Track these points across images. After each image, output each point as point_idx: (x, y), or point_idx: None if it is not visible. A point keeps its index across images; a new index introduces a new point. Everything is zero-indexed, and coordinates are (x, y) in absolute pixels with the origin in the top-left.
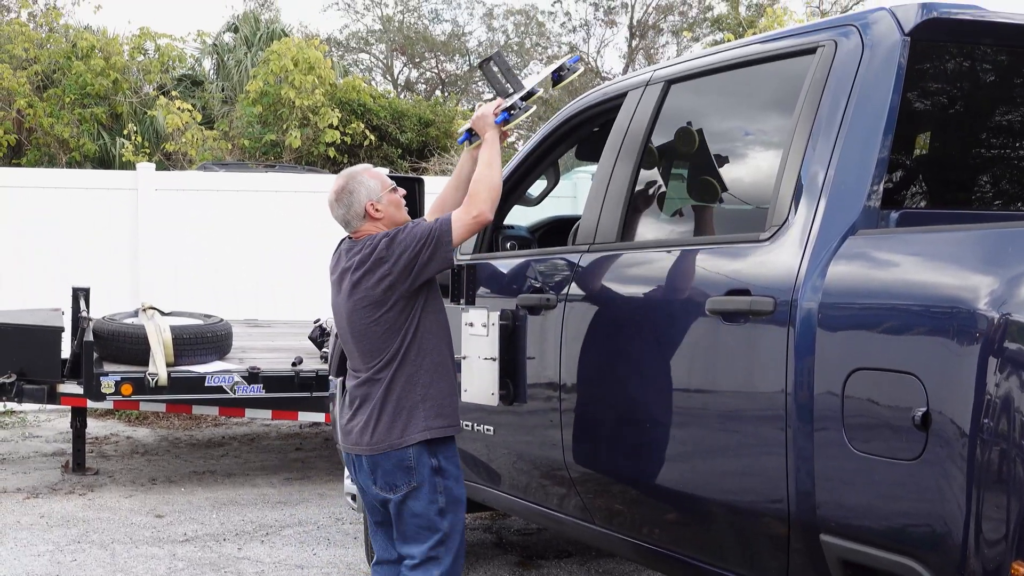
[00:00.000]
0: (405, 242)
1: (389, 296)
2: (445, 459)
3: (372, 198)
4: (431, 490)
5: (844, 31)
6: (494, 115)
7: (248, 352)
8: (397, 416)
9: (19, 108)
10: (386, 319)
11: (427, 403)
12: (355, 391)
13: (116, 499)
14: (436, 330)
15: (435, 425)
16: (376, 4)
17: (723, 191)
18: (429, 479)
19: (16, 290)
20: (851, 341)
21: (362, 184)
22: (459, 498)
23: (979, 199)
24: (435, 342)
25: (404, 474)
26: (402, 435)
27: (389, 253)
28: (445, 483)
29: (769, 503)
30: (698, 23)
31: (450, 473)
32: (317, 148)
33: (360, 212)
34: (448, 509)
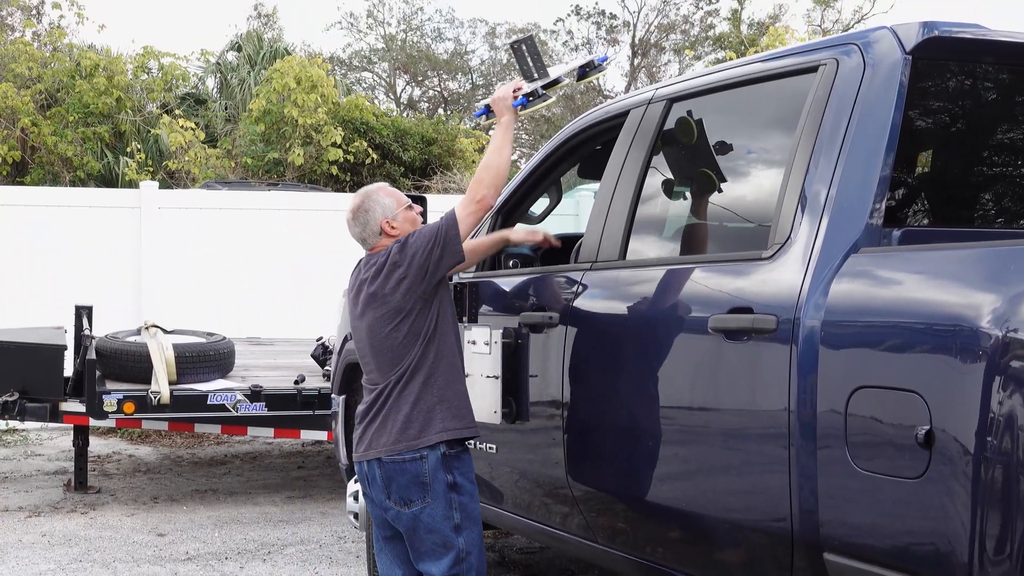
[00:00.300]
0: (416, 244)
1: (408, 300)
2: (460, 475)
3: (387, 216)
4: (446, 506)
5: (846, 50)
6: (513, 97)
7: (250, 370)
8: (414, 418)
9: (23, 127)
10: (405, 325)
11: (443, 404)
12: (373, 402)
13: (118, 517)
14: (451, 333)
15: (452, 427)
16: (379, 23)
17: (725, 209)
18: (444, 495)
19: (19, 308)
20: (854, 359)
21: (377, 203)
22: (475, 515)
23: (981, 217)
24: (450, 345)
25: (419, 489)
26: (419, 436)
27: (402, 257)
28: (460, 499)
29: (772, 521)
30: (700, 41)
31: (465, 489)
32: (320, 166)
33: (376, 230)
34: (464, 526)
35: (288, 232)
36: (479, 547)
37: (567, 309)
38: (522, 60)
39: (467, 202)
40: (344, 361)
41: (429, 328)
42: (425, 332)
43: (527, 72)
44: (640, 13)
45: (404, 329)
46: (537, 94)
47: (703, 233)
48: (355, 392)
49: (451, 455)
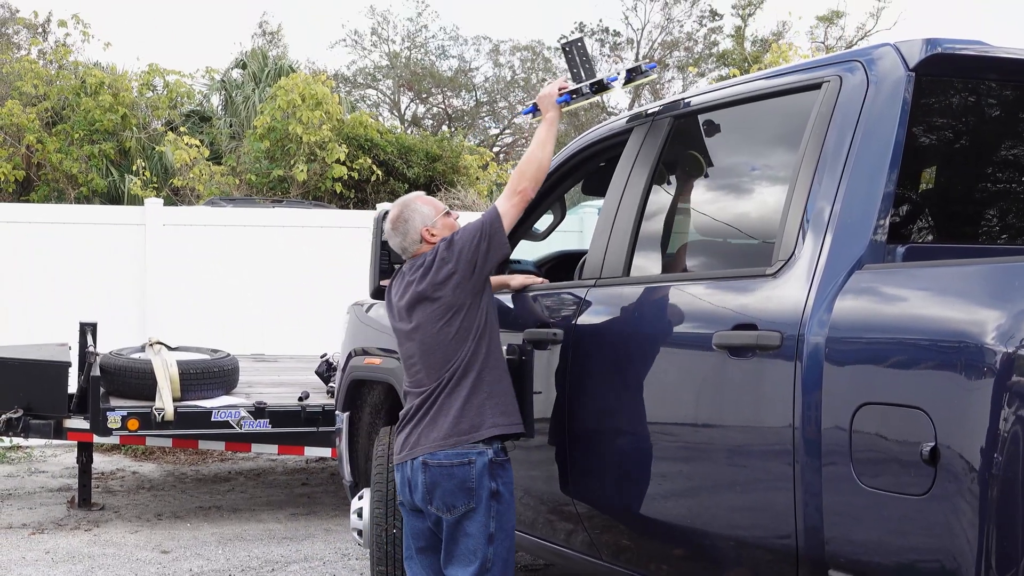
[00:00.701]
0: (463, 240)
1: (458, 296)
2: (503, 484)
3: (427, 224)
4: (485, 514)
5: (849, 67)
6: (558, 95)
7: (255, 387)
8: (465, 414)
9: (28, 144)
10: (456, 321)
11: (492, 400)
12: (421, 403)
13: (122, 535)
14: (498, 331)
15: (502, 423)
16: (383, 40)
17: (729, 226)
18: (486, 502)
19: (24, 324)
20: (858, 375)
21: (416, 211)
22: (509, 527)
23: (985, 233)
24: (497, 343)
25: (464, 495)
26: (470, 431)
27: (450, 254)
28: (499, 508)
29: (777, 538)
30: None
31: (505, 499)
32: (324, 183)
33: (416, 239)
34: (497, 536)
35: (292, 249)
36: (505, 559)
37: (571, 325)
38: (571, 61)
39: (509, 193)
40: (348, 378)
41: (480, 324)
42: (477, 328)
43: (576, 73)
44: (644, 30)
45: (455, 325)
46: (581, 92)
47: (707, 249)
48: (359, 409)
49: (497, 463)
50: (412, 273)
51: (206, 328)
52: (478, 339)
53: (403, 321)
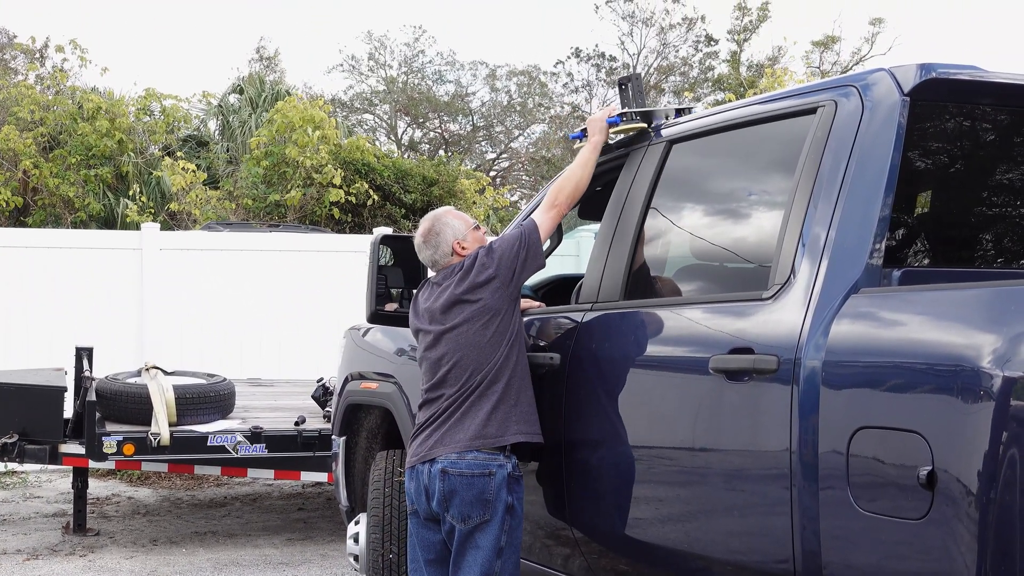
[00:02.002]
0: (502, 248)
1: (497, 300)
2: (518, 500)
3: (458, 237)
4: (499, 527)
5: (844, 91)
6: (608, 115)
7: (251, 411)
8: (493, 418)
9: (25, 169)
10: (493, 324)
11: (518, 408)
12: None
13: (117, 560)
14: (524, 340)
15: (525, 430)
16: (380, 66)
17: (725, 250)
18: (501, 516)
19: (20, 349)
20: (855, 399)
21: (447, 225)
22: (518, 543)
23: (981, 257)
24: (524, 352)
25: (480, 507)
26: (496, 436)
27: (490, 260)
28: (512, 523)
29: (775, 563)
30: (699, 83)
31: (518, 515)
32: (321, 208)
33: (448, 251)
34: (507, 551)
35: (289, 273)
36: (512, 573)
37: (568, 349)
38: (625, 96)
39: (547, 207)
40: (345, 402)
41: (514, 331)
42: (512, 333)
43: (627, 105)
44: (640, 55)
45: (492, 328)
46: (629, 116)
47: (704, 273)
48: (356, 434)
49: (515, 477)
50: (447, 279)
51: (202, 353)
52: (511, 345)
53: (436, 323)
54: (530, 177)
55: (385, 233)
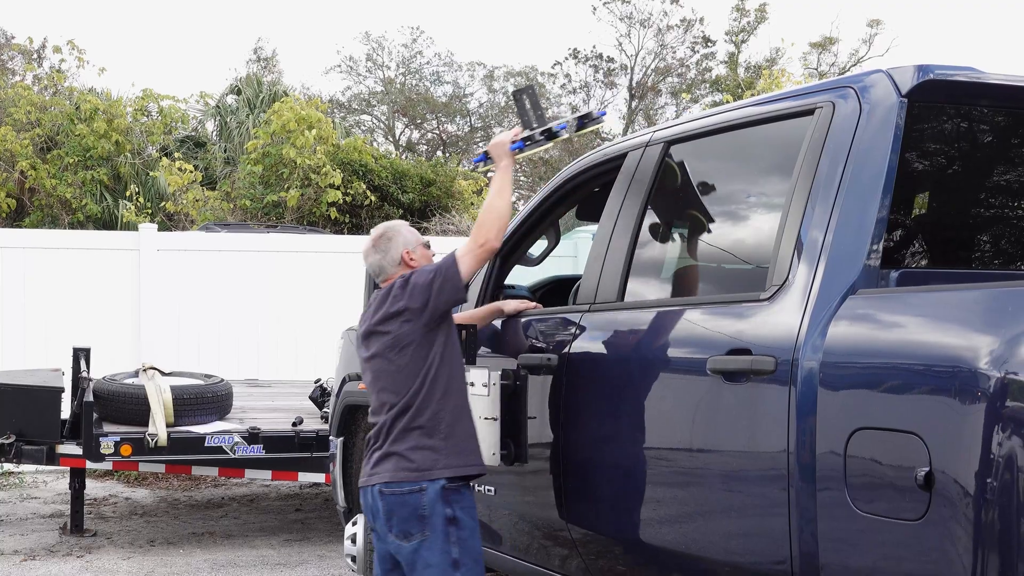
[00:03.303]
0: (417, 278)
1: (407, 331)
2: (461, 509)
3: (408, 247)
4: (444, 540)
5: (842, 93)
6: (511, 142)
7: (248, 412)
8: (417, 450)
9: (22, 170)
10: (406, 355)
11: (449, 442)
12: (379, 431)
13: (114, 561)
14: (459, 372)
15: (454, 463)
16: (378, 66)
17: (723, 251)
18: (442, 528)
19: (17, 350)
20: (853, 401)
21: (400, 234)
22: (475, 552)
23: (979, 258)
24: (458, 384)
25: (418, 522)
26: (420, 469)
27: (403, 291)
28: (459, 534)
29: (773, 564)
30: (697, 84)
31: (465, 524)
32: (319, 208)
33: (396, 258)
34: (463, 562)
35: (286, 274)
36: None
37: (566, 351)
38: (522, 109)
39: (470, 245)
40: (342, 403)
41: (433, 362)
42: (429, 366)
43: (527, 121)
44: (637, 56)
45: (406, 359)
46: (534, 139)
47: (701, 275)
48: (353, 434)
49: (451, 488)
50: (374, 303)
51: (200, 353)
52: (431, 378)
53: (361, 349)
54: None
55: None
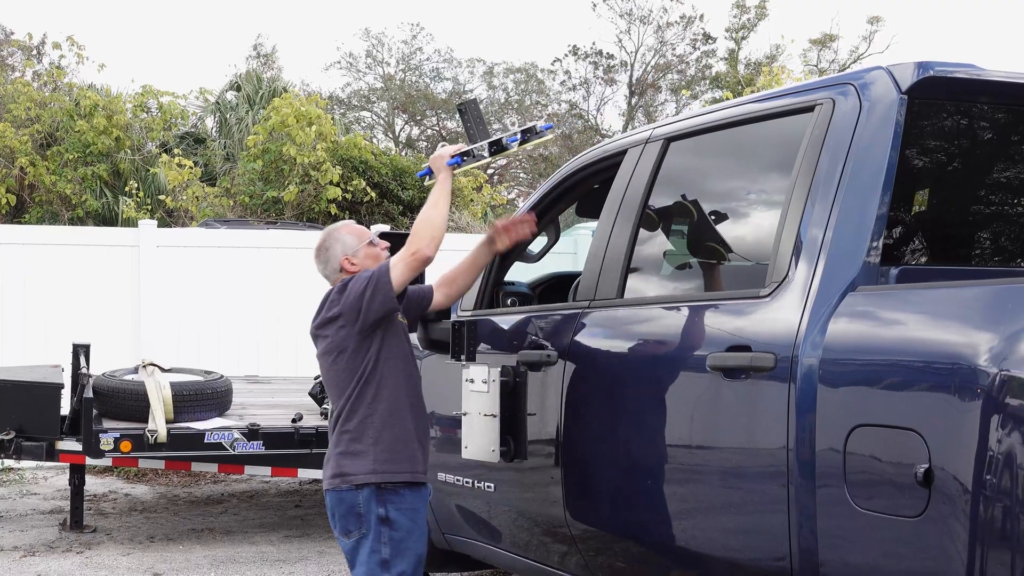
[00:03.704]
0: (353, 286)
1: (341, 338)
2: (396, 510)
3: (347, 253)
4: (375, 539)
5: (842, 90)
6: (450, 156)
7: (248, 408)
8: (349, 455)
9: (22, 166)
10: (342, 361)
11: (378, 447)
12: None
13: (114, 557)
14: (395, 378)
15: (382, 470)
16: (378, 63)
17: (722, 248)
18: (375, 528)
19: (17, 346)
20: (852, 397)
21: (338, 240)
22: (409, 552)
23: (978, 255)
24: (392, 390)
25: (355, 520)
26: (353, 473)
27: (339, 298)
28: (392, 534)
29: (772, 561)
30: (696, 81)
31: (400, 525)
32: (318, 205)
33: (336, 267)
34: (393, 563)
35: (286, 270)
36: None
37: (565, 347)
38: (466, 122)
39: (403, 254)
40: None
41: (366, 368)
42: (362, 372)
43: (471, 134)
44: (637, 53)
45: (341, 365)
46: (472, 154)
47: (701, 271)
48: None
49: (387, 488)
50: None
51: (200, 349)
52: (362, 383)
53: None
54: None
55: (383, 230)
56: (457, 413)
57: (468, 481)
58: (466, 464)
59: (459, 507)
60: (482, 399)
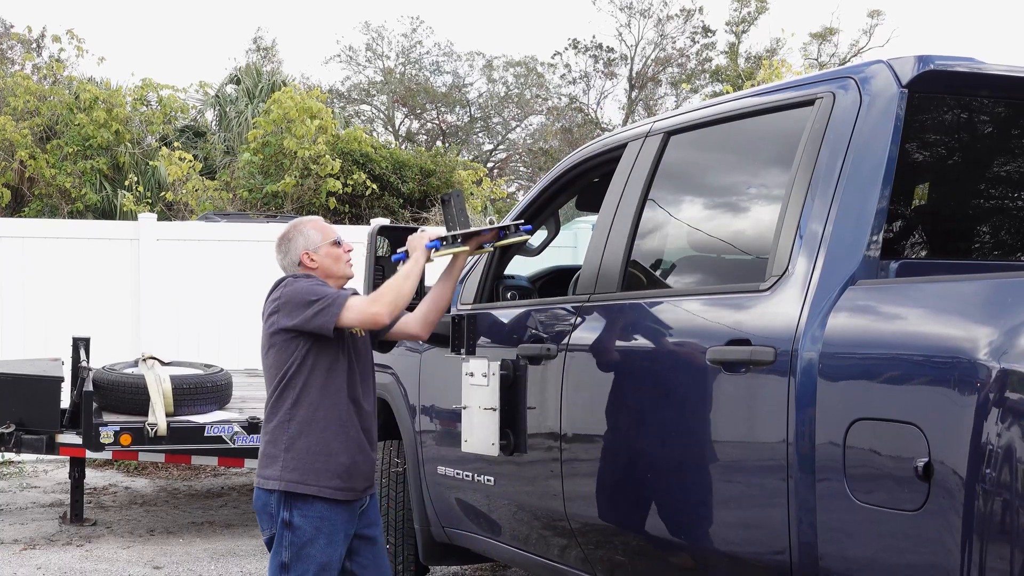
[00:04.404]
0: (302, 290)
1: (274, 336)
2: (300, 516)
3: (309, 248)
4: (278, 542)
5: (842, 83)
6: (429, 240)
7: (248, 402)
8: (265, 455)
9: (21, 159)
10: (271, 355)
11: (289, 454)
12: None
13: (114, 550)
14: (320, 389)
15: (288, 478)
16: (378, 56)
17: (723, 242)
18: (279, 531)
19: (17, 339)
20: (852, 391)
21: (301, 234)
22: (310, 560)
23: (978, 249)
24: (315, 400)
25: (267, 519)
26: (267, 479)
27: (283, 295)
28: (292, 538)
29: (772, 554)
30: (697, 75)
31: (302, 531)
32: (318, 198)
33: (295, 260)
34: (292, 566)
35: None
36: None
37: (565, 341)
38: (448, 213)
39: (363, 305)
40: None
41: (288, 371)
42: (284, 373)
43: (451, 223)
44: (637, 46)
45: (270, 359)
46: (448, 240)
47: (701, 265)
48: None
49: (294, 495)
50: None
51: (200, 343)
52: (284, 385)
53: None
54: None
55: (383, 224)
56: (457, 407)
57: (468, 474)
58: (466, 457)
59: (459, 500)
60: (482, 393)
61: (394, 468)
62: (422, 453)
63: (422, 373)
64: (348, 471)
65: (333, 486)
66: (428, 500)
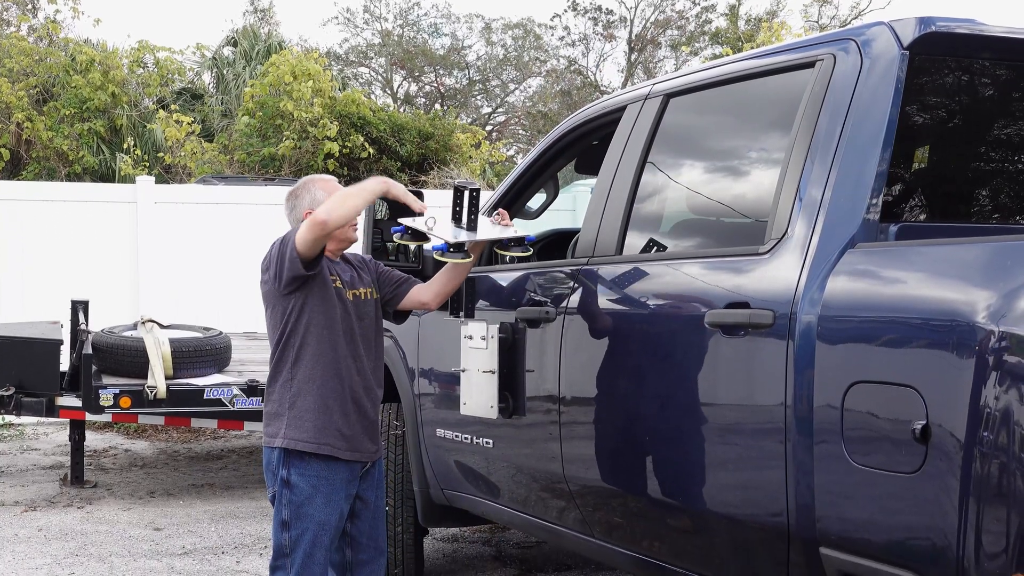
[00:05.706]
0: (280, 246)
1: (268, 295)
2: (298, 474)
3: (313, 206)
4: (278, 500)
5: (843, 45)
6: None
7: (247, 364)
8: (269, 414)
9: (18, 121)
10: (268, 314)
11: (292, 413)
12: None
13: (114, 512)
14: (319, 346)
15: (291, 436)
16: (376, 18)
17: (722, 204)
18: (279, 489)
19: (16, 303)
20: (850, 354)
21: (309, 192)
22: (308, 517)
23: (978, 212)
24: (313, 358)
25: (271, 477)
26: (271, 436)
27: (268, 254)
28: (291, 497)
29: (769, 516)
30: (696, 37)
31: (300, 490)
32: (316, 161)
33: (300, 216)
34: (292, 524)
35: (284, 227)
36: (308, 552)
37: (564, 304)
38: (459, 204)
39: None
40: None
41: (285, 329)
42: (282, 332)
43: (458, 217)
44: (637, 9)
45: (267, 321)
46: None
47: (700, 228)
48: None
49: (293, 452)
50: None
51: (198, 306)
52: (283, 345)
53: None
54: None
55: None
56: (456, 369)
57: (467, 437)
58: (465, 420)
59: (458, 463)
60: (481, 356)
61: (393, 431)
62: (421, 416)
63: (421, 336)
64: (346, 430)
65: (331, 444)
66: (427, 463)
